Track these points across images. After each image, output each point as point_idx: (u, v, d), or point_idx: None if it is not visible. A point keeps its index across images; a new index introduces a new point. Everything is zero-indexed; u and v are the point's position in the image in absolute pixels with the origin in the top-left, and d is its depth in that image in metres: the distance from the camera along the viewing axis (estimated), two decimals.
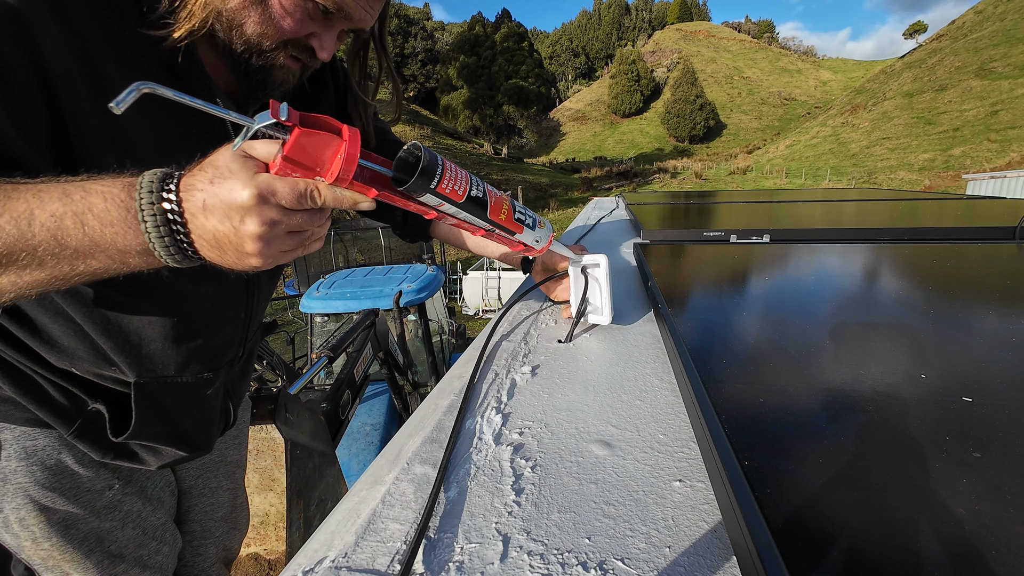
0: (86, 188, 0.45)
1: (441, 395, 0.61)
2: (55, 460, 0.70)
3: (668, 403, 0.55)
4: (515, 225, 0.67)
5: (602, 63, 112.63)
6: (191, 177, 0.46)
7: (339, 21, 0.61)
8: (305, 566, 0.36)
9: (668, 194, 3.12)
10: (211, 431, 0.83)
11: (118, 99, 0.40)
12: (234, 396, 0.91)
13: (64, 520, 0.73)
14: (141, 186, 0.45)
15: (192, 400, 0.77)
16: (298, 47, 0.62)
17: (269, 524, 1.74)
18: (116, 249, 0.46)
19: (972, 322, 0.63)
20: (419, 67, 74.86)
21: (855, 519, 0.30)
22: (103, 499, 0.76)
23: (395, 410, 3.18)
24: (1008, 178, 12.11)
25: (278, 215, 0.46)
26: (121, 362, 0.66)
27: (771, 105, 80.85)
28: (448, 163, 0.56)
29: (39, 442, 0.69)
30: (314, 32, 0.61)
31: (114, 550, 0.79)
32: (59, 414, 0.67)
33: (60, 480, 0.71)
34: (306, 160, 0.46)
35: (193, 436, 0.79)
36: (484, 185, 0.62)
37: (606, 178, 42.81)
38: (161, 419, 0.73)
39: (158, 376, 0.70)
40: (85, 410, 0.69)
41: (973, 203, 1.88)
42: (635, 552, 0.36)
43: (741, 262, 1.01)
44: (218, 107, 0.44)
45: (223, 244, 0.46)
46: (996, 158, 30.60)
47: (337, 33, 0.63)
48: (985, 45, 45.50)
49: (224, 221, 0.45)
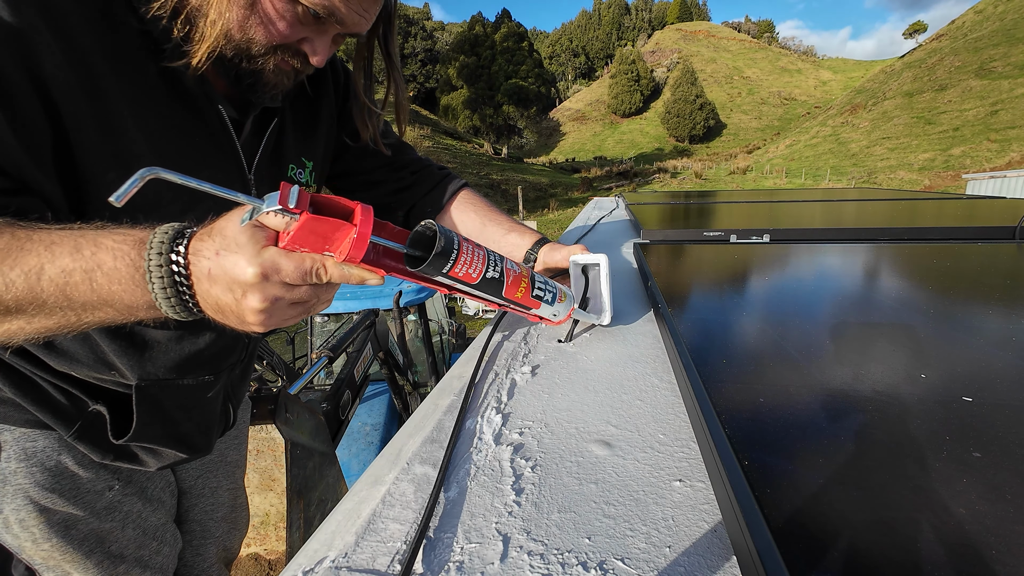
0: (97, 243, 0.45)
1: (441, 395, 0.61)
2: (55, 461, 0.70)
3: (668, 403, 0.55)
4: (532, 301, 0.65)
5: (602, 63, 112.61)
6: (199, 242, 0.46)
7: (332, 26, 0.59)
8: (305, 566, 0.36)
9: (668, 194, 3.12)
10: (211, 433, 0.83)
11: (118, 192, 0.39)
12: (234, 398, 0.91)
13: (64, 521, 0.73)
14: (151, 246, 0.45)
15: (192, 403, 0.77)
16: (290, 52, 0.60)
17: (269, 524, 1.74)
18: (123, 304, 0.46)
19: (972, 322, 0.63)
20: (419, 67, 74.89)
21: (855, 519, 0.30)
22: (103, 500, 0.76)
23: (395, 410, 3.18)
24: (1008, 178, 12.12)
25: (281, 291, 0.46)
26: (124, 366, 0.66)
27: (771, 105, 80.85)
28: (465, 243, 0.53)
29: (39, 443, 0.69)
30: (306, 37, 0.60)
31: (115, 551, 0.79)
32: (59, 416, 0.67)
33: (60, 481, 0.71)
34: (315, 241, 0.45)
35: (192, 438, 0.79)
36: (503, 263, 0.59)
37: (606, 178, 42.81)
38: (161, 421, 0.73)
39: (160, 379, 0.70)
40: (85, 412, 0.69)
41: (973, 203, 1.88)
42: (635, 552, 0.36)
43: (741, 262, 1.01)
44: (224, 189, 0.43)
45: (225, 311, 0.47)
46: (996, 158, 30.60)
47: (332, 38, 0.62)
48: (985, 45, 45.48)
49: (227, 293, 0.45)
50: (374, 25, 0.66)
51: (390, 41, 0.70)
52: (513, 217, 1.00)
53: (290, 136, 0.76)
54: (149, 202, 0.58)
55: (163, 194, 0.60)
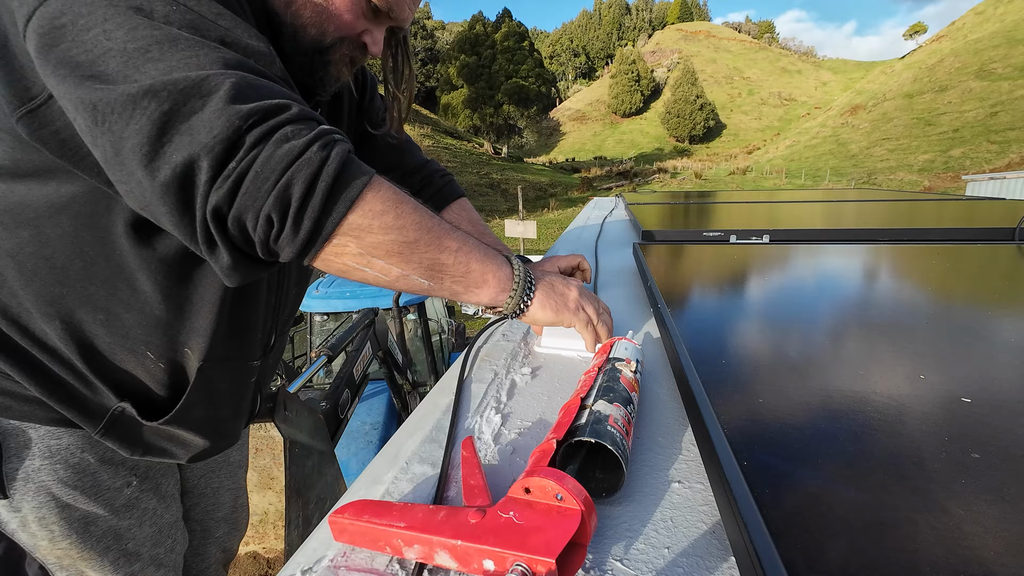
0: None
1: (440, 394, 0.61)
2: (78, 458, 0.70)
3: (667, 403, 0.55)
4: None
5: (602, 63, 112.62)
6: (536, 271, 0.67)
7: (386, 19, 0.66)
8: (304, 565, 0.36)
9: (668, 194, 3.12)
10: (241, 420, 0.83)
11: None
12: (263, 385, 0.91)
13: (83, 518, 0.72)
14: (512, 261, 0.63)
15: (236, 387, 0.77)
16: (353, 44, 0.66)
17: (268, 523, 1.74)
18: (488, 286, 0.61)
19: (971, 323, 0.63)
20: (419, 66, 74.78)
21: (853, 520, 0.30)
22: (122, 497, 0.76)
23: (394, 409, 3.18)
24: (1008, 179, 12.13)
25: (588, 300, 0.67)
26: (197, 347, 0.67)
27: (771, 105, 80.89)
28: None
29: (63, 440, 0.69)
30: (367, 29, 0.65)
31: (131, 548, 0.78)
32: (86, 413, 0.66)
33: (82, 479, 0.71)
34: None
35: (227, 424, 0.79)
36: None
37: (606, 178, 42.80)
38: (206, 403, 0.72)
39: (222, 358, 0.70)
40: (111, 408, 0.68)
41: (973, 204, 1.88)
42: (634, 552, 0.36)
43: (741, 262, 1.01)
44: None
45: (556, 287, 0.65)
46: (996, 159, 30.65)
47: (384, 30, 0.68)
48: (985, 46, 45.52)
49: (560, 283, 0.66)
50: None
51: (407, 39, 0.77)
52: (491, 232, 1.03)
53: None
54: None
55: None
